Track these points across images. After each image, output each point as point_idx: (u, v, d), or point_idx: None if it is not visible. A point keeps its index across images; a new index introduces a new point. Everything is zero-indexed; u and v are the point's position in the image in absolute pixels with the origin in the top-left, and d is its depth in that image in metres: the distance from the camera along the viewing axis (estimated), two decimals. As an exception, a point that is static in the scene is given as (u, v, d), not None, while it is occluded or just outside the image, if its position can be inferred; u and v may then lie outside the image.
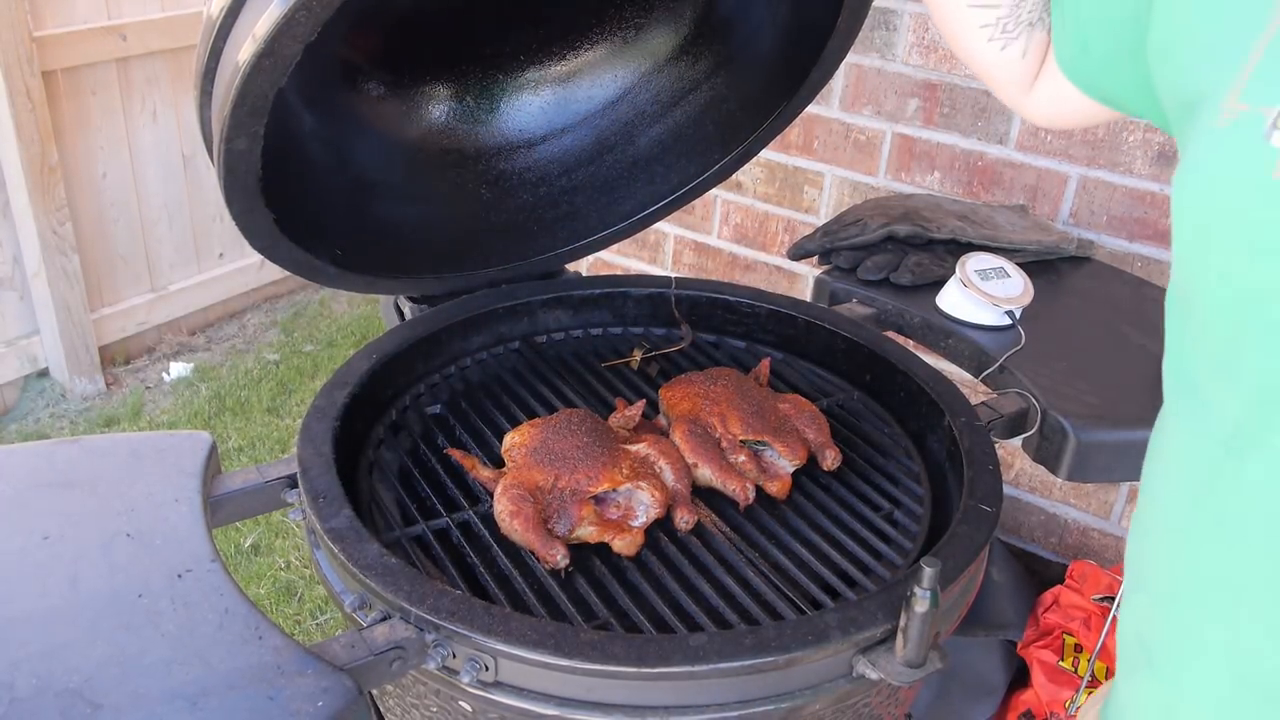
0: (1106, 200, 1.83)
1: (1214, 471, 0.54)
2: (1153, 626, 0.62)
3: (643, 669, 0.80)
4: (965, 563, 0.93)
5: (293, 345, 3.40)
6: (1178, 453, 0.59)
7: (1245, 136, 0.43)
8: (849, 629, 0.84)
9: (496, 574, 0.98)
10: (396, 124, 1.35)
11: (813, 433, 1.16)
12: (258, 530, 2.51)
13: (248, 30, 0.87)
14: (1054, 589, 1.87)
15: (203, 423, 2.95)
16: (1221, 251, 0.46)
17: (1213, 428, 0.53)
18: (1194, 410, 0.55)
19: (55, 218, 2.87)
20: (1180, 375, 0.56)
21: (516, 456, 1.08)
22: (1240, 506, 0.53)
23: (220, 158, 0.95)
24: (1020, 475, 2.07)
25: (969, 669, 1.83)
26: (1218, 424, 0.52)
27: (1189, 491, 0.57)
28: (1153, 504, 0.63)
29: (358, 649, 0.82)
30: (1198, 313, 0.51)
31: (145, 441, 1.03)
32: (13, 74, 2.66)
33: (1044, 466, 1.23)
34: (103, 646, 0.79)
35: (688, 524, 1.04)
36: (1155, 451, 0.62)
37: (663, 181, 1.44)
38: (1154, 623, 0.62)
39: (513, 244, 1.40)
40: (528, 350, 1.37)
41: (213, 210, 3.37)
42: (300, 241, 1.11)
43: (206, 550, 0.89)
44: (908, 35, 1.96)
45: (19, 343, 2.98)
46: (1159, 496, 0.61)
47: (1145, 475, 0.63)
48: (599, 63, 1.43)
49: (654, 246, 2.50)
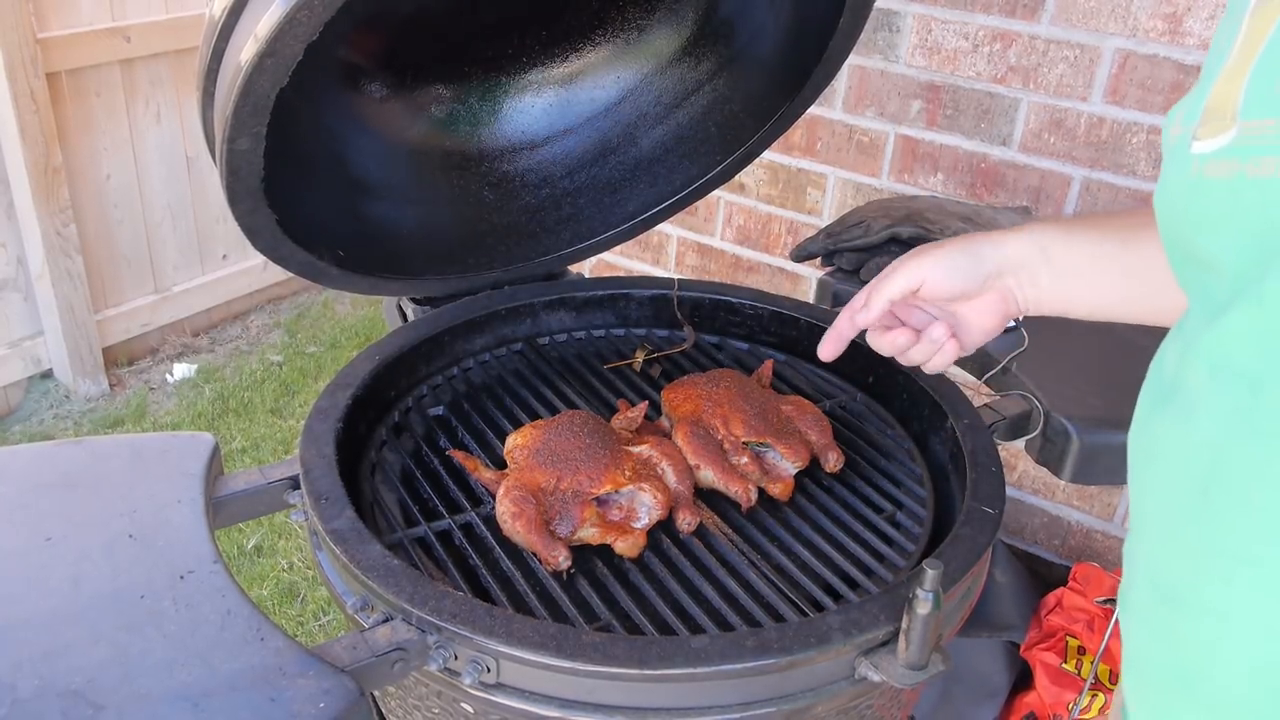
0: (1110, 202, 1.82)
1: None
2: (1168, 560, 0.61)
3: (645, 671, 0.80)
4: (968, 565, 0.93)
5: (296, 346, 3.40)
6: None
7: (1181, 151, 0.57)
8: (851, 631, 0.84)
9: (498, 575, 0.98)
10: (399, 125, 1.35)
11: (815, 434, 1.16)
12: (260, 531, 2.51)
13: (250, 30, 0.87)
14: (1057, 591, 1.87)
15: (206, 424, 2.96)
16: (1171, 237, 0.62)
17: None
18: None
19: (59, 219, 2.88)
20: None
21: (519, 458, 1.08)
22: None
23: (223, 158, 0.95)
24: (1023, 477, 2.07)
25: (972, 671, 1.83)
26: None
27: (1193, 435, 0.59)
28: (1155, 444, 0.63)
29: (360, 650, 0.82)
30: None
31: (148, 443, 1.03)
32: (17, 76, 2.67)
33: (1047, 468, 1.23)
34: (105, 647, 0.79)
35: (690, 525, 1.04)
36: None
37: (665, 183, 1.44)
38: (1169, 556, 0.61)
39: (515, 245, 1.39)
40: (530, 352, 1.37)
41: (216, 211, 3.37)
42: (303, 242, 1.12)
43: (209, 551, 0.89)
44: (910, 37, 1.96)
45: (23, 344, 2.98)
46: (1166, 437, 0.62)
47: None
48: (601, 64, 1.43)
49: (657, 248, 2.50)
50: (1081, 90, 1.81)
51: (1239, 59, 0.54)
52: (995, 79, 1.89)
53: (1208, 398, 0.56)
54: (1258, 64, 0.53)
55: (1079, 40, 1.79)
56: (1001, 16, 1.85)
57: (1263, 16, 0.54)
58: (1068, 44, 1.80)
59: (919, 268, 0.88)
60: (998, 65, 1.88)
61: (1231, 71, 0.55)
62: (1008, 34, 1.85)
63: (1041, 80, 1.85)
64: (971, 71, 1.91)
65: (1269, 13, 0.53)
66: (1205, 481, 0.55)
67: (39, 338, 3.00)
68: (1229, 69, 0.55)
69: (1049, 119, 1.86)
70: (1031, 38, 1.83)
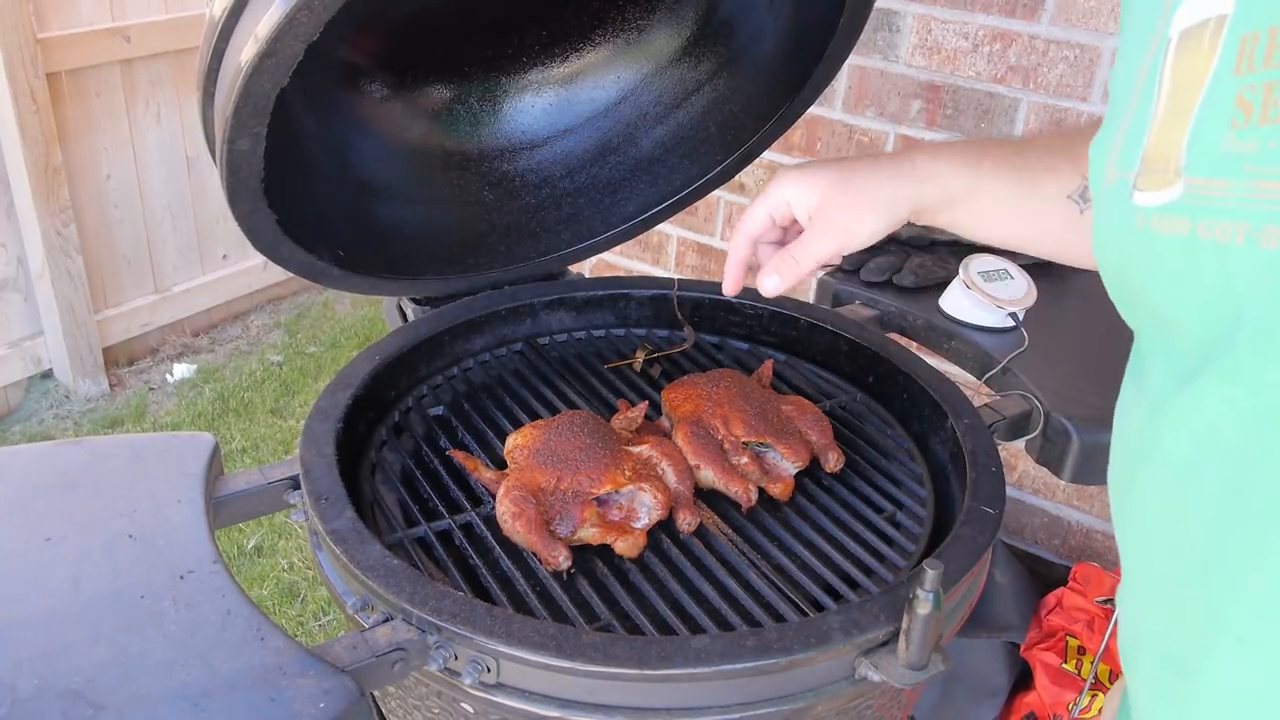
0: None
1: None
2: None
3: (645, 671, 0.80)
4: (968, 565, 0.93)
5: (296, 346, 3.40)
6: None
7: (1119, 199, 0.57)
8: (851, 631, 0.84)
9: (499, 575, 0.98)
10: (399, 125, 1.35)
11: (815, 434, 1.16)
12: (260, 532, 2.51)
13: (250, 30, 0.87)
14: (1057, 591, 1.87)
15: (206, 424, 2.96)
16: (1117, 285, 0.62)
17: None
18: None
19: (59, 219, 2.88)
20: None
21: (519, 458, 1.08)
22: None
23: (223, 158, 0.95)
24: (1023, 477, 2.07)
25: (972, 671, 1.83)
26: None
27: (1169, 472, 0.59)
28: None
29: (360, 650, 0.82)
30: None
31: (148, 443, 1.03)
32: (17, 76, 2.67)
33: (1047, 469, 1.23)
34: (105, 647, 0.79)
35: (690, 526, 1.04)
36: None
37: (665, 183, 1.44)
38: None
39: (515, 245, 1.39)
40: (530, 352, 1.37)
41: (216, 212, 3.37)
42: (303, 243, 1.12)
43: (209, 551, 0.89)
44: (910, 37, 1.96)
45: (23, 344, 2.98)
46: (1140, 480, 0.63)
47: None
48: (601, 64, 1.43)
49: (657, 248, 2.50)
50: (1081, 90, 1.81)
51: (1173, 109, 0.53)
52: (995, 79, 1.89)
53: (1198, 474, 0.55)
54: (1198, 118, 0.51)
55: (1079, 40, 1.79)
56: (1001, 16, 1.85)
57: (1190, 64, 0.52)
58: (1068, 44, 1.80)
59: (812, 190, 0.90)
60: (998, 65, 1.88)
61: (1167, 122, 0.53)
62: (1008, 34, 1.86)
63: (1041, 80, 1.85)
64: (971, 71, 1.91)
65: (1197, 62, 0.52)
66: (1204, 559, 0.55)
67: (39, 338, 3.00)
68: (1163, 119, 0.54)
69: (1049, 119, 1.86)
70: (1031, 38, 1.83)
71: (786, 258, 0.92)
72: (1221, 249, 0.50)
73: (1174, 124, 0.53)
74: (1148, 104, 0.55)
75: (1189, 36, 0.53)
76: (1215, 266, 0.50)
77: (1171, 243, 0.53)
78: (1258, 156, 0.48)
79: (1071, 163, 0.86)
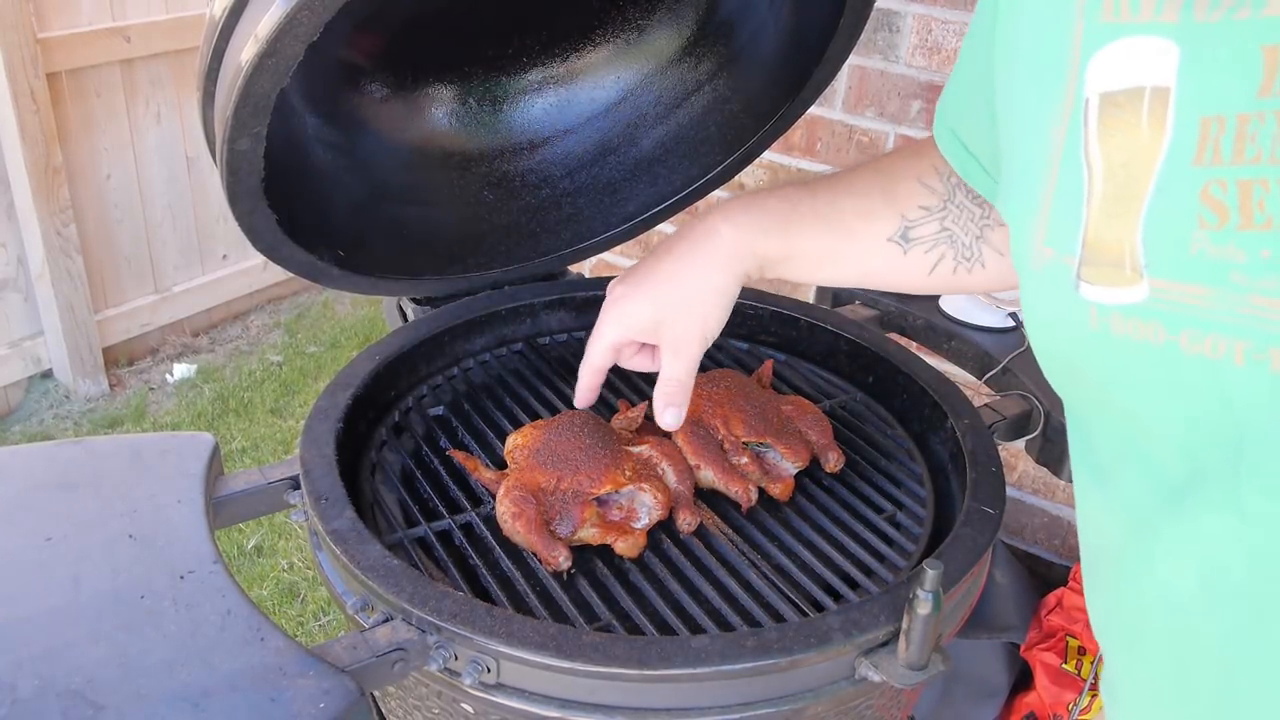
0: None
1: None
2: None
3: (645, 671, 0.80)
4: (968, 565, 0.93)
5: (296, 346, 3.40)
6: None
7: (1059, 285, 0.51)
8: (851, 631, 0.84)
9: (499, 576, 0.98)
10: (399, 125, 1.35)
11: (815, 434, 1.16)
12: (260, 532, 2.51)
13: (250, 30, 0.87)
14: (1057, 591, 1.87)
15: (206, 424, 2.96)
16: (1061, 371, 0.59)
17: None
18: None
19: (59, 219, 2.88)
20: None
21: (519, 458, 1.08)
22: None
23: (223, 158, 0.95)
24: (1023, 477, 2.07)
25: (972, 671, 1.83)
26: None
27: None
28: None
29: (360, 650, 0.82)
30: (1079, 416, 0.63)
31: (148, 443, 1.03)
32: (17, 76, 2.67)
33: (1047, 469, 1.23)
34: (105, 647, 0.79)
35: (690, 526, 1.04)
36: None
37: (665, 183, 1.44)
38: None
39: (515, 246, 1.39)
40: (530, 352, 1.37)
41: (216, 212, 3.37)
42: (303, 243, 1.12)
43: (209, 551, 0.89)
44: (911, 37, 1.96)
45: (23, 344, 2.98)
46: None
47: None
48: (601, 64, 1.43)
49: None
50: (1081, 90, 1.81)
51: (1114, 193, 0.48)
52: (995, 79, 1.89)
53: (1208, 614, 0.52)
54: (1151, 210, 0.46)
55: (1079, 40, 1.79)
56: (1001, 16, 1.85)
57: (1126, 142, 0.47)
58: (1068, 44, 1.80)
59: (640, 316, 0.93)
60: (998, 65, 1.88)
61: (1108, 208, 0.48)
62: (1008, 34, 1.86)
63: (1041, 80, 1.85)
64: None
65: (1135, 141, 0.47)
66: (1216, 703, 0.53)
67: (39, 338, 3.00)
68: (1102, 202, 0.49)
69: (1049, 119, 1.86)
70: (1031, 38, 1.83)
71: (668, 386, 0.93)
72: (1214, 366, 0.46)
73: (1118, 211, 0.48)
74: (1076, 179, 0.50)
75: (1115, 105, 0.48)
76: (1207, 384, 0.46)
77: (1143, 350, 0.48)
78: (1249, 267, 0.44)
79: (889, 203, 0.85)
